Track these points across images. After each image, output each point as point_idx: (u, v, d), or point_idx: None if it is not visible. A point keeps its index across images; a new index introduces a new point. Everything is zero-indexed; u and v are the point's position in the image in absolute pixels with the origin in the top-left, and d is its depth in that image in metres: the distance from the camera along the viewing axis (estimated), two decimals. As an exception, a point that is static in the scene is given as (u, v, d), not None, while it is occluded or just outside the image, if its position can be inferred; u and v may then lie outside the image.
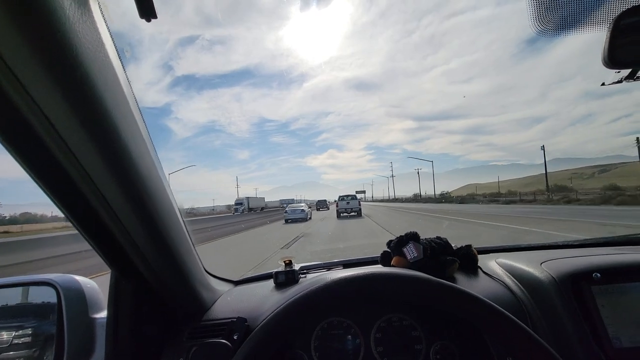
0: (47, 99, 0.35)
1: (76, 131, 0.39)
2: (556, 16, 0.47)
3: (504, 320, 0.47)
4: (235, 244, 9.60)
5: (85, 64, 0.36)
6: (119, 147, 0.44)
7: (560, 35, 0.48)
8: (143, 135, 0.51)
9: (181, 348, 0.67)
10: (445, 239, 0.92)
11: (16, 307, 0.65)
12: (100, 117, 0.40)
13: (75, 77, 0.36)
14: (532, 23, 0.47)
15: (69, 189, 0.45)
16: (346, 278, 0.53)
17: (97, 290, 0.70)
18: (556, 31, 0.48)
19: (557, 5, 0.47)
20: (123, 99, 0.45)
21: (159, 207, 0.55)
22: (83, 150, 0.41)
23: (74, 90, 0.37)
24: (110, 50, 0.41)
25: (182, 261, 0.65)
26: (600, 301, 0.65)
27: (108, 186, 0.46)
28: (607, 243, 0.99)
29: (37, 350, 0.64)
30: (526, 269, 0.77)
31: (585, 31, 0.47)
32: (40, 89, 0.34)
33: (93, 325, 0.65)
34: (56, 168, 0.42)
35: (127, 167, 0.46)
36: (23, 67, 0.32)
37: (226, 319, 0.72)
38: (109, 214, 0.49)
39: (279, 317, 0.52)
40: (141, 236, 0.55)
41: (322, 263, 1.05)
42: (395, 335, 0.73)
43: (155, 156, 0.54)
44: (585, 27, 0.47)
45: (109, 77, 0.41)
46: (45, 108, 0.36)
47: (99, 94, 0.39)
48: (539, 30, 0.47)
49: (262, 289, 0.87)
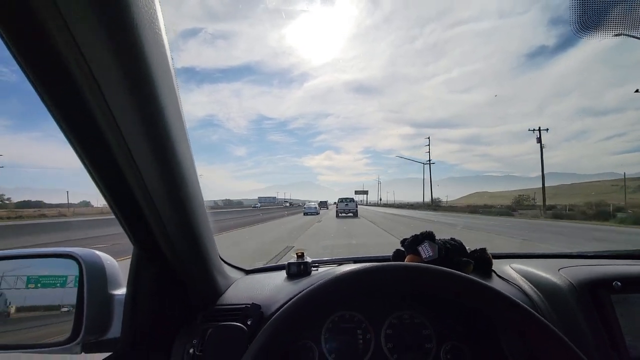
0: (106, 76, 0.36)
1: (127, 111, 0.40)
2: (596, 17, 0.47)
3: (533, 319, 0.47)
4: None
5: (144, 46, 0.37)
6: (163, 130, 0.45)
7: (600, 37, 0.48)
8: (183, 120, 0.52)
9: (195, 330, 0.68)
10: (460, 241, 0.91)
11: (38, 277, 0.66)
12: (151, 99, 0.42)
13: (132, 55, 0.37)
14: (572, 22, 0.47)
15: (112, 169, 0.47)
16: (371, 268, 0.53)
17: (117, 267, 0.71)
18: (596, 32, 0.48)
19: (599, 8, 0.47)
20: (170, 83, 0.46)
21: (190, 194, 0.57)
22: (131, 130, 0.42)
23: (130, 68, 0.38)
24: (163, 35, 0.43)
25: (203, 246, 0.67)
26: (619, 310, 0.64)
27: (148, 168, 0.47)
28: (622, 256, 0.98)
29: (55, 322, 0.65)
30: (543, 275, 0.76)
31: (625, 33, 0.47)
32: (101, 65, 0.35)
33: (111, 301, 0.66)
34: (103, 146, 0.44)
35: (167, 150, 0.48)
36: (90, 42, 0.34)
37: (240, 304, 0.73)
38: (145, 195, 0.51)
39: (296, 305, 0.52)
40: (171, 219, 0.56)
41: (333, 258, 1.05)
42: (406, 332, 0.73)
43: (189, 144, 0.56)
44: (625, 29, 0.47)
45: (161, 60, 0.42)
46: (103, 85, 0.37)
47: (153, 76, 0.40)
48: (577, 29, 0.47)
49: (274, 279, 0.88)
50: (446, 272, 0.52)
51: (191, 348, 0.65)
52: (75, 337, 0.62)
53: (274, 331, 0.49)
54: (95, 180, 0.48)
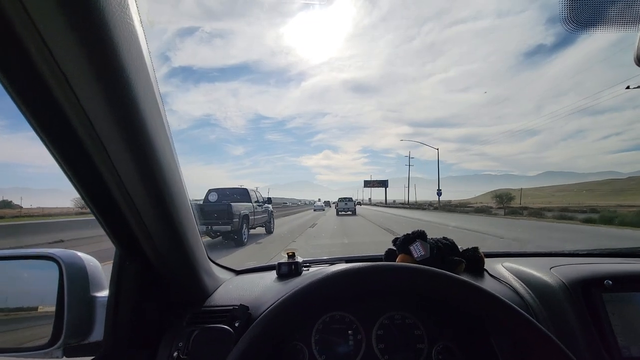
0: (73, 68, 0.35)
1: (100, 108, 0.39)
2: (587, 12, 0.46)
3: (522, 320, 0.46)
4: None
5: (115, 40, 0.36)
6: (137, 121, 0.43)
7: (589, 32, 0.47)
8: (161, 114, 0.50)
9: (181, 333, 0.66)
10: (452, 240, 0.91)
11: (16, 279, 0.64)
12: (122, 89, 0.40)
13: (105, 51, 0.35)
14: (562, 18, 0.46)
15: (85, 164, 0.45)
16: (359, 268, 0.52)
17: (99, 268, 0.69)
18: (585, 28, 0.47)
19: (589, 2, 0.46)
20: (145, 76, 0.44)
21: (171, 190, 0.55)
22: (104, 126, 0.40)
23: (100, 61, 0.36)
24: (138, 27, 0.41)
25: (187, 245, 0.65)
26: (610, 309, 0.64)
27: (123, 162, 0.45)
28: (615, 254, 0.98)
29: (35, 325, 0.63)
30: (535, 274, 0.76)
31: (616, 29, 0.47)
32: (68, 56, 0.34)
33: (93, 303, 0.64)
34: (74, 140, 0.42)
35: (144, 143, 0.46)
36: (59, 39, 0.33)
37: (228, 306, 0.71)
38: (122, 191, 0.49)
39: (284, 306, 0.51)
40: (150, 216, 0.54)
41: (325, 258, 1.04)
42: (398, 333, 0.72)
43: (170, 138, 0.54)
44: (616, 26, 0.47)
45: (134, 51, 0.40)
46: (70, 77, 0.35)
47: (124, 66, 0.39)
48: (569, 27, 0.47)
49: (264, 279, 0.86)
50: (435, 272, 0.51)
51: (176, 351, 0.63)
52: (55, 341, 0.60)
53: (261, 332, 0.48)
54: (70, 179, 0.46)
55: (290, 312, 0.51)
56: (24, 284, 0.64)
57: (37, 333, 0.63)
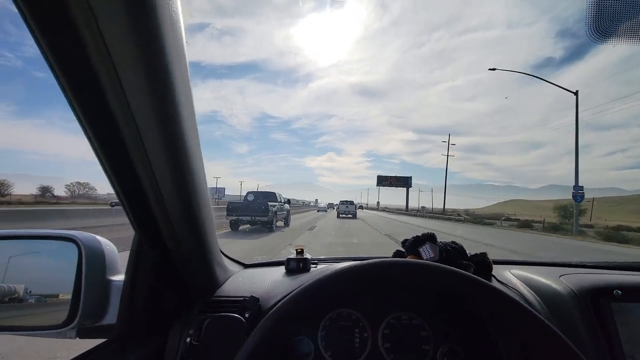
0: (128, 71, 0.38)
1: (144, 103, 0.41)
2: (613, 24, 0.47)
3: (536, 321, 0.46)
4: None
5: (160, 29, 0.38)
6: (176, 123, 0.46)
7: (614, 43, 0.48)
8: (194, 114, 0.52)
9: (193, 320, 0.67)
10: (461, 245, 0.91)
11: (35, 259, 0.65)
12: (168, 94, 0.43)
13: (151, 38, 0.37)
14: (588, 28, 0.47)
15: (120, 153, 0.47)
16: (373, 264, 0.53)
17: (116, 252, 0.70)
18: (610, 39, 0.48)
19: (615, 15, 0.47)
20: (185, 79, 0.47)
21: (196, 185, 0.57)
22: (145, 122, 0.43)
23: (147, 48, 0.38)
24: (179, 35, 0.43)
25: (205, 237, 0.66)
26: (618, 319, 0.64)
27: (157, 154, 0.48)
28: (623, 267, 0.98)
29: (52, 305, 0.65)
30: (544, 281, 0.76)
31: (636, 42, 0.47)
32: (118, 43, 0.36)
33: (109, 287, 0.66)
34: (117, 136, 0.44)
35: (176, 137, 0.48)
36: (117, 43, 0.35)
37: (238, 297, 0.72)
38: (152, 183, 0.51)
39: (296, 299, 0.52)
40: (176, 208, 0.56)
41: (333, 257, 1.05)
42: (404, 333, 0.73)
43: (198, 137, 0.56)
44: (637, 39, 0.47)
45: (175, 40, 0.42)
46: (117, 64, 0.37)
47: (172, 73, 0.41)
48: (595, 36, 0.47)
49: (273, 273, 0.87)
50: (448, 269, 0.52)
51: (188, 337, 0.64)
52: (70, 321, 0.61)
53: (274, 324, 0.49)
54: (104, 168, 0.49)
55: (302, 306, 0.51)
56: (44, 264, 0.65)
57: (53, 313, 0.64)
